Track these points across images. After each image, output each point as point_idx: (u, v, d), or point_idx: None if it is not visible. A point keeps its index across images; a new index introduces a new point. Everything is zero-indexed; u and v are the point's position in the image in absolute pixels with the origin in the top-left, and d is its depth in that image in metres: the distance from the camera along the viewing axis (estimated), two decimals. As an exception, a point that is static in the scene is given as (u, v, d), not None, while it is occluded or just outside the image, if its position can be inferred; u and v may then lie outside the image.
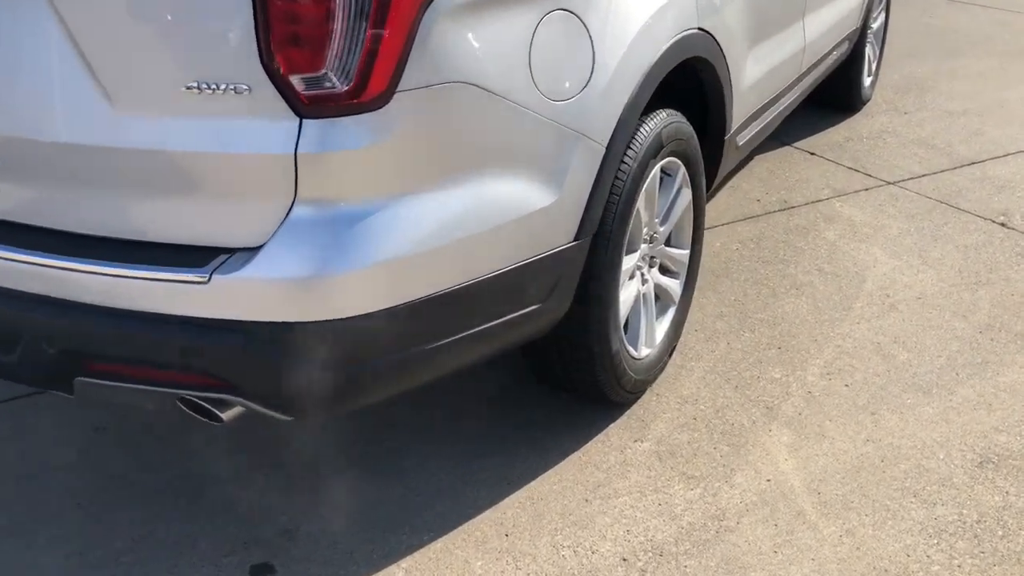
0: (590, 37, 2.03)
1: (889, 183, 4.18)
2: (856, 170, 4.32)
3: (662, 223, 2.64)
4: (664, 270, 2.77)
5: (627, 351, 2.51)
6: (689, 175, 2.68)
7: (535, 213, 1.97)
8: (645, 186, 2.41)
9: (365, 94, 1.63)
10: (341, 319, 1.71)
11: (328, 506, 2.31)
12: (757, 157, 4.45)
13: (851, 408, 2.65)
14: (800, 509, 2.28)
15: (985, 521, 2.24)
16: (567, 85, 1.99)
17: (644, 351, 2.63)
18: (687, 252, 2.81)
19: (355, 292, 1.72)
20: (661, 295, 2.77)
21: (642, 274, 2.60)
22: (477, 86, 1.78)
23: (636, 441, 2.52)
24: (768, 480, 2.38)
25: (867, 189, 4.12)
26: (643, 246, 2.55)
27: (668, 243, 2.76)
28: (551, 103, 1.95)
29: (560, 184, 2.00)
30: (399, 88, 1.66)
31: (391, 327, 1.79)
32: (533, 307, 2.08)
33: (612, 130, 2.11)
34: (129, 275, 1.70)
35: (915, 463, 2.44)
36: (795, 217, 3.85)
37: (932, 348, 2.94)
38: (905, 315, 3.12)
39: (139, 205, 1.76)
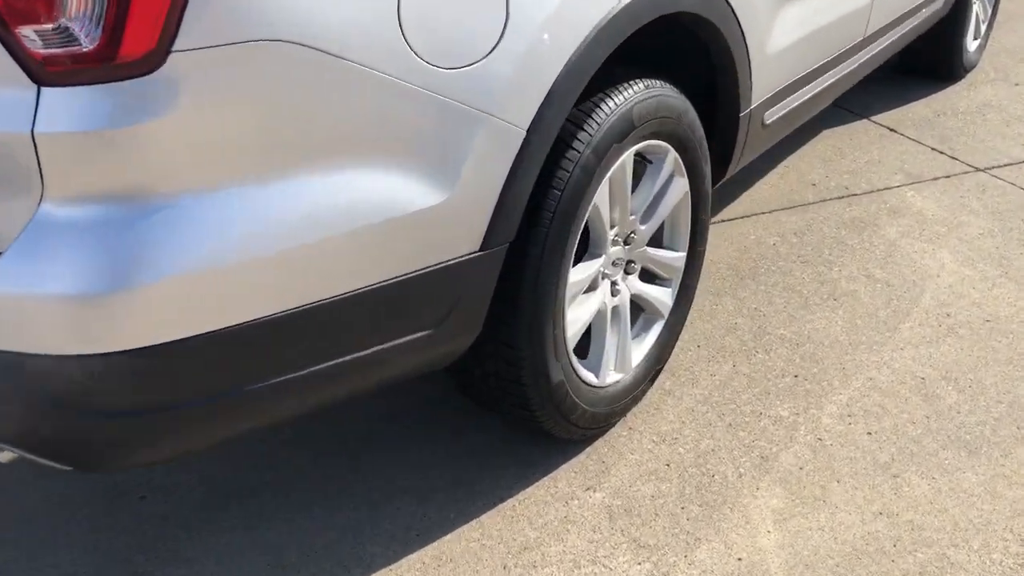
0: (500, -15, 1.53)
1: (978, 169, 3.49)
2: (941, 152, 3.64)
3: (643, 220, 2.12)
4: (649, 277, 2.25)
5: (579, 380, 2.02)
6: (684, 162, 2.15)
7: (415, 215, 1.50)
8: (609, 176, 1.90)
9: (122, 53, 1.19)
10: (119, 352, 1.30)
11: (189, 562, 1.92)
12: (824, 131, 3.82)
13: (869, 465, 2.10)
14: (774, 604, 1.78)
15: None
16: (462, 47, 1.50)
17: (611, 377, 2.14)
18: (682, 255, 2.28)
19: (136, 317, 1.29)
20: (645, 307, 2.26)
21: (612, 284, 2.10)
22: (309, 47, 1.31)
23: (588, 490, 2.05)
24: (739, 559, 1.88)
25: (949, 176, 3.45)
26: (612, 249, 2.05)
27: (659, 244, 2.25)
28: (435, 71, 1.46)
29: (452, 178, 1.52)
30: (175, 47, 1.21)
31: (197, 362, 1.37)
32: (421, 333, 1.62)
33: (538, 107, 1.61)
34: None
35: (938, 553, 1.89)
36: (854, 207, 3.23)
37: (992, 391, 2.34)
38: (965, 343, 2.52)
39: None
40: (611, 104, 1.85)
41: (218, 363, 1.39)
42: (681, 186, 2.18)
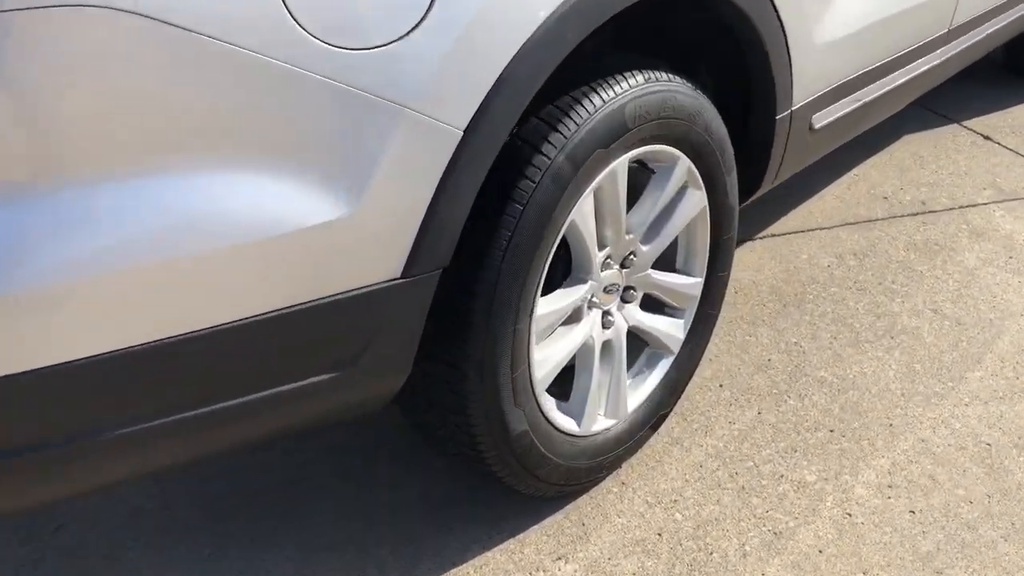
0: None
1: (1085, 188, 3.01)
2: (1041, 165, 3.16)
3: (645, 240, 1.77)
4: (656, 304, 1.90)
5: (552, 428, 1.69)
6: (700, 171, 1.79)
7: (308, 232, 1.19)
8: (594, 188, 1.56)
9: None
10: None
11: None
12: (905, 136, 3.36)
13: (906, 555, 1.71)
14: None
15: None
16: (371, 22, 1.17)
17: (598, 425, 1.79)
18: (698, 281, 1.92)
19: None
20: (649, 341, 1.91)
21: (604, 314, 1.76)
22: (147, 16, 1.01)
23: (559, 559, 1.71)
24: (726, 669, 1.53)
25: (1048, 194, 2.98)
26: (603, 274, 1.70)
27: (670, 266, 1.89)
28: (333, 52, 1.15)
29: (358, 188, 1.21)
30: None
31: (39, 401, 1.10)
32: (324, 376, 1.31)
33: (481, 101, 1.28)
34: None
35: None
36: (929, 227, 2.80)
37: (1074, 465, 1.92)
38: (1047, 401, 2.09)
39: None
40: (594, 100, 1.51)
41: (64, 403, 1.11)
42: (696, 200, 1.82)
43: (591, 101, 1.51)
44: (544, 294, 1.63)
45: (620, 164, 1.60)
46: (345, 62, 1.16)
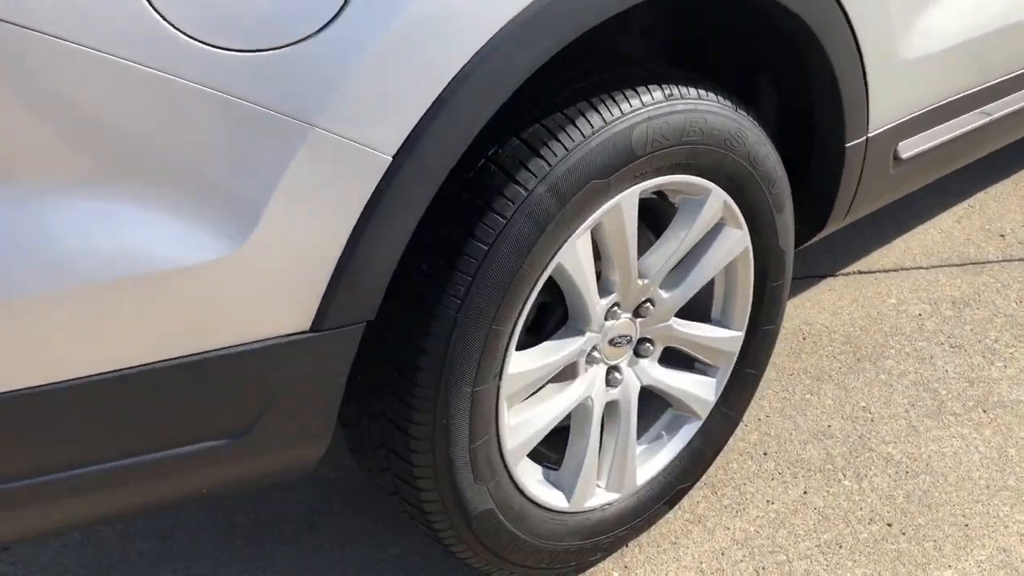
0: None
1: None
2: None
3: (666, 286, 1.47)
4: (683, 359, 1.60)
5: (531, 504, 1.42)
6: (741, 206, 1.48)
7: (181, 273, 0.96)
8: (586, 226, 1.28)
9: None
10: None
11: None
12: (1037, 162, 2.91)
13: None
14: None
15: None
16: (268, 18, 0.93)
17: (596, 500, 1.52)
18: (737, 335, 1.61)
19: None
20: (673, 402, 1.61)
21: (610, 371, 1.48)
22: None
23: (531, 656, 1.45)
24: None
25: None
26: (609, 324, 1.42)
27: (703, 315, 1.59)
28: (212, 55, 0.91)
29: (247, 221, 0.97)
30: None
31: None
32: (211, 443, 1.08)
33: (418, 120, 1.02)
34: None
35: None
36: (1051, 274, 2.38)
37: None
38: None
39: None
40: (592, 120, 1.23)
41: None
42: (734, 241, 1.51)
43: (588, 121, 1.23)
44: (531, 345, 1.37)
45: (627, 198, 1.32)
46: (228, 67, 0.93)
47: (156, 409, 1.03)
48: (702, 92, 1.36)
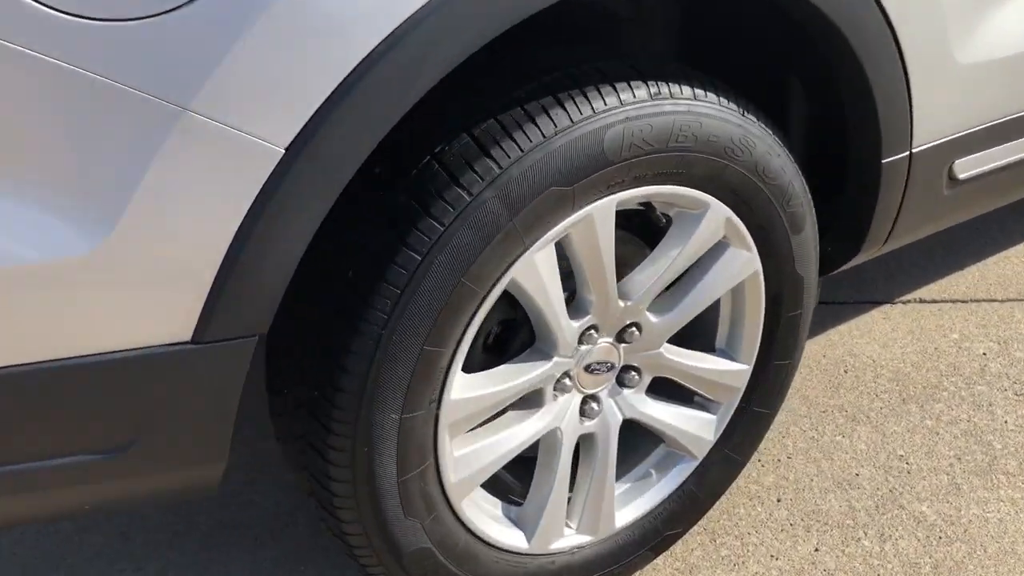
0: None
1: None
2: None
3: (656, 309, 1.30)
4: (679, 393, 1.42)
5: (478, 542, 1.27)
6: (749, 225, 1.29)
7: (33, 270, 0.85)
8: (548, 238, 1.12)
9: None
10: None
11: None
12: None
13: None
14: None
15: None
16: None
17: (564, 542, 1.36)
18: (743, 368, 1.42)
19: None
20: (666, 439, 1.44)
21: (587, 401, 1.31)
22: None
23: None
24: None
25: None
26: (582, 348, 1.26)
27: (707, 345, 1.41)
28: (70, 23, 0.79)
29: (109, 215, 0.85)
30: None
31: None
32: (92, 457, 0.97)
33: (317, 108, 0.88)
34: None
35: None
36: None
37: None
38: None
39: None
40: (556, 119, 1.07)
41: None
42: (740, 264, 1.32)
43: (551, 119, 1.07)
44: (493, 367, 1.22)
45: (600, 209, 1.15)
46: (86, 38, 0.80)
47: (17, 417, 0.92)
48: (699, 92, 1.18)
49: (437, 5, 0.90)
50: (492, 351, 1.25)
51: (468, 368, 1.18)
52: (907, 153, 1.41)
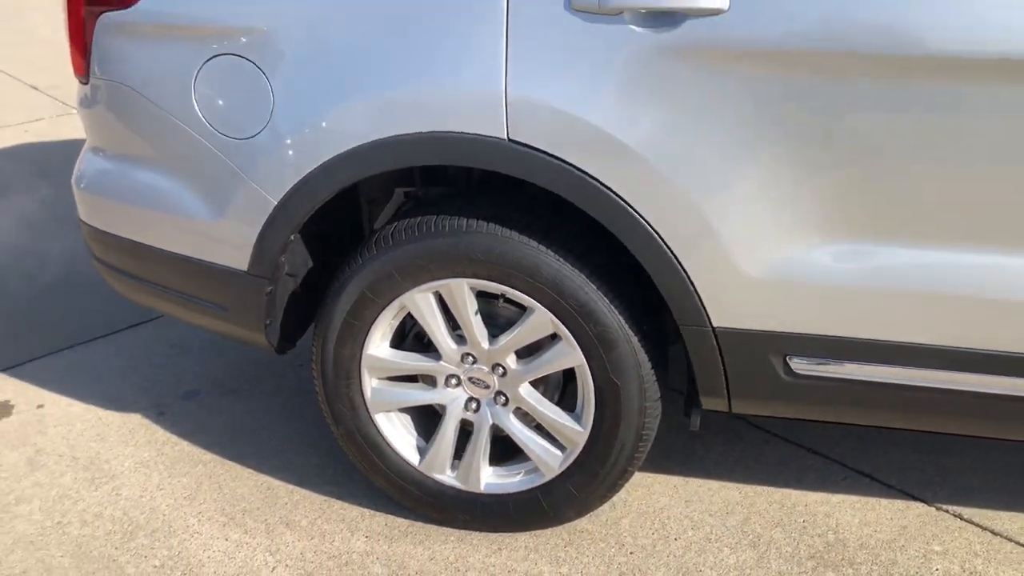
0: (270, 87, 1.98)
1: None
2: None
3: (521, 361, 2.10)
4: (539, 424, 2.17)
5: (377, 441, 2.26)
6: (572, 332, 1.98)
7: (195, 221, 2.15)
8: (436, 290, 2.05)
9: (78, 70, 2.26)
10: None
11: None
12: None
13: None
14: None
15: None
16: (238, 125, 2.03)
17: (440, 476, 2.24)
18: (581, 431, 2.09)
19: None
20: (527, 452, 2.18)
21: (471, 401, 2.17)
22: (136, 91, 2.13)
23: None
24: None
25: None
26: (467, 367, 2.12)
27: (569, 402, 2.13)
28: (219, 136, 2.03)
29: (221, 210, 2.09)
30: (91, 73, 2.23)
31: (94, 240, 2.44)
32: (214, 304, 2.25)
33: (288, 189, 2.01)
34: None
35: None
36: None
37: None
38: None
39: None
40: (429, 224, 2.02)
41: (106, 249, 2.41)
42: (569, 355, 2.03)
43: (426, 225, 2.02)
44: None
45: (455, 282, 2.03)
46: (223, 142, 2.07)
47: (192, 276, 2.27)
48: (505, 227, 1.96)
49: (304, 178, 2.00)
50: (418, 340, 2.20)
51: (394, 344, 2.18)
52: (708, 327, 1.89)
